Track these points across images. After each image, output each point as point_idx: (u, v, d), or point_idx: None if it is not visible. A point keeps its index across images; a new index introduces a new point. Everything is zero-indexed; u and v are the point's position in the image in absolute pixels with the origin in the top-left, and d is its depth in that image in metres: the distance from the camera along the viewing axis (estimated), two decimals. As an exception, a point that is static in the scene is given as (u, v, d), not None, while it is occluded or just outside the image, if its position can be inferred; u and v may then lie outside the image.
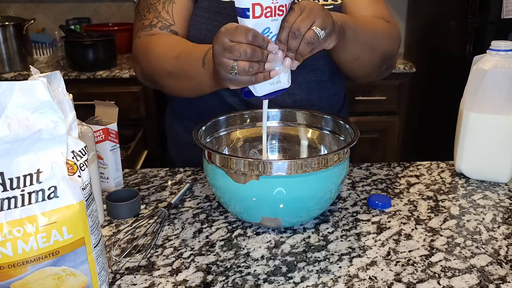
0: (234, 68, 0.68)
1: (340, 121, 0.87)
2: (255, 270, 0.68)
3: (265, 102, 0.78)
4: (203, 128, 0.84)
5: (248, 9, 0.66)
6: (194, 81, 0.88)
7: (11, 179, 0.50)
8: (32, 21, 2.37)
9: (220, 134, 0.89)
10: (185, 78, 0.89)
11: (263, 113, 0.79)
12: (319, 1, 1.00)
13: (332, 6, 1.01)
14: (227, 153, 0.89)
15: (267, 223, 0.76)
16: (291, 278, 0.66)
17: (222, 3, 0.97)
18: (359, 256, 0.71)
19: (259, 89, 0.73)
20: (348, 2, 1.03)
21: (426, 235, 0.76)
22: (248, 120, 0.92)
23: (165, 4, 0.98)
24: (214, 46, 0.71)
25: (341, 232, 0.77)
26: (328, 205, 0.79)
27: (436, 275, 0.66)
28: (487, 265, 0.68)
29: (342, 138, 0.86)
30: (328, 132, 0.89)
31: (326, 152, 0.89)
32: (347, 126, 0.85)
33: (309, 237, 0.76)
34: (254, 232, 0.77)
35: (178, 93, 0.98)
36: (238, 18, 0.69)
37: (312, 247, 0.73)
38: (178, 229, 0.79)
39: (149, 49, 0.95)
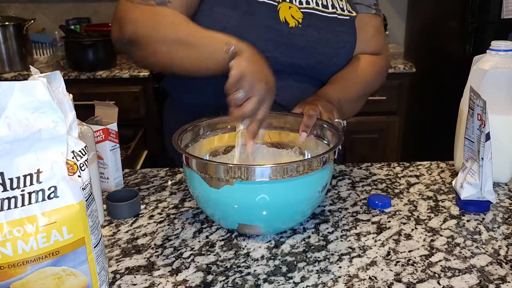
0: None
1: (324, 125, 0.85)
2: (255, 270, 0.68)
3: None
4: (187, 130, 0.82)
5: None
6: (206, 54, 0.86)
7: (11, 179, 0.50)
8: (32, 21, 2.37)
9: (203, 138, 0.87)
10: (198, 49, 0.87)
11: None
12: (337, 10, 1.02)
13: (348, 18, 1.03)
14: (208, 158, 0.87)
15: (245, 230, 0.75)
16: (291, 278, 0.66)
17: None
18: (359, 256, 0.71)
19: None
20: (358, 30, 1.06)
21: (426, 235, 0.76)
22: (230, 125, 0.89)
23: None
24: None
25: (341, 232, 0.77)
26: (310, 213, 0.78)
27: (436, 275, 0.66)
28: (487, 265, 0.68)
29: (325, 142, 0.84)
30: (312, 136, 0.87)
31: (309, 157, 0.87)
32: (331, 129, 0.83)
33: (309, 237, 0.76)
34: (254, 232, 0.77)
35: (172, 62, 0.92)
36: None
37: (312, 247, 0.73)
38: (178, 229, 0.79)
39: (160, 16, 0.90)
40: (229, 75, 0.78)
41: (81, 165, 0.54)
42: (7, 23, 2.29)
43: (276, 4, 0.96)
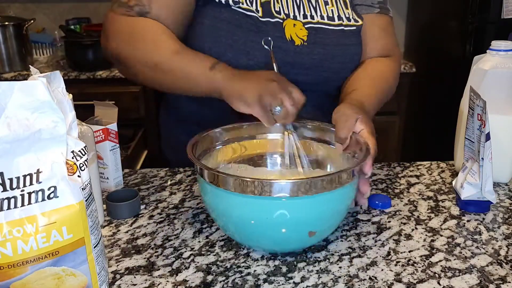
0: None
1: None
2: (255, 270, 0.67)
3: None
4: (199, 140, 0.78)
5: None
6: (187, 81, 0.86)
7: (11, 179, 0.50)
8: (32, 21, 2.37)
9: (217, 147, 0.82)
10: (177, 74, 0.86)
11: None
12: (343, 22, 0.99)
13: (355, 28, 1.00)
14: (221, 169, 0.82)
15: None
16: (291, 278, 0.66)
17: (245, 16, 0.92)
18: (359, 256, 0.71)
19: None
20: (362, 33, 1.02)
21: (426, 235, 0.76)
22: (250, 133, 0.86)
23: None
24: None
25: (341, 232, 0.77)
26: (334, 228, 0.73)
27: (436, 275, 0.66)
28: (487, 265, 0.68)
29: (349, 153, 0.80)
30: (333, 146, 0.82)
31: (333, 170, 0.83)
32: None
33: (309, 237, 0.76)
34: (254, 232, 0.77)
35: (154, 84, 0.93)
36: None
37: (312, 247, 0.73)
38: (178, 229, 0.79)
39: (137, 34, 0.88)
40: (251, 112, 0.79)
41: (81, 165, 0.54)
42: (7, 23, 2.29)
43: (281, 21, 0.94)
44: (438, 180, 0.96)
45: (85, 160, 0.55)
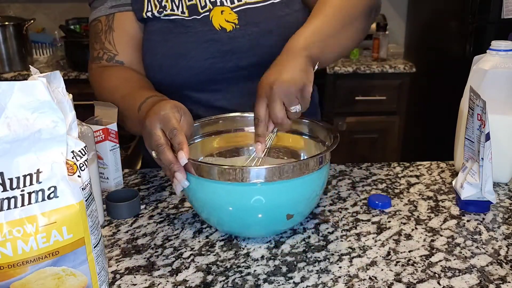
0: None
1: (320, 124, 0.83)
2: (255, 270, 0.67)
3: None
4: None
5: None
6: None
7: (11, 179, 0.50)
8: (32, 21, 2.38)
9: (196, 140, 0.85)
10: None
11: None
12: None
13: None
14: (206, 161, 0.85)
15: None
16: (291, 278, 0.66)
17: (172, 21, 0.96)
18: (359, 256, 0.71)
19: None
20: None
21: (426, 235, 0.76)
22: (229, 126, 0.88)
23: (106, 33, 0.99)
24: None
25: (341, 232, 0.77)
26: (307, 213, 0.77)
27: (436, 275, 0.66)
28: (487, 265, 0.68)
29: (319, 141, 0.84)
30: (307, 137, 0.86)
31: (306, 158, 0.84)
32: (327, 131, 0.81)
33: (309, 237, 0.76)
34: (254, 232, 0.77)
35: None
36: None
37: (312, 247, 0.73)
38: (178, 229, 0.79)
39: (102, 86, 0.98)
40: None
41: (81, 165, 0.54)
42: (7, 23, 2.29)
43: (208, 13, 0.95)
44: (438, 180, 0.96)
45: (85, 160, 0.55)
